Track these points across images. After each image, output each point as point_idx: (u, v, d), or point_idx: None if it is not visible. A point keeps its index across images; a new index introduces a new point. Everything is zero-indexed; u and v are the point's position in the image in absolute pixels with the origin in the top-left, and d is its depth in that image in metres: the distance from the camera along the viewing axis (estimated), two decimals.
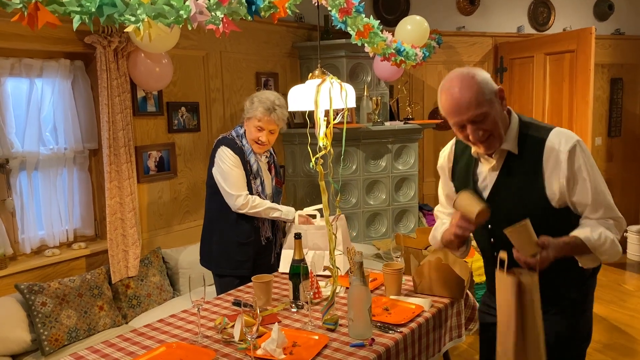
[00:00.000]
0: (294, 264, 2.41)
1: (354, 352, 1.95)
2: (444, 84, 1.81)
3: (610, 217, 1.77)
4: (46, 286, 2.72)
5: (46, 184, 3.04)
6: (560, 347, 1.89)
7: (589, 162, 1.76)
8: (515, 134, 1.81)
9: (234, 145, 2.75)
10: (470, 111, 1.71)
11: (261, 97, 2.75)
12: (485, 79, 1.74)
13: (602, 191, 1.77)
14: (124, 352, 2.02)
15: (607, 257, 1.75)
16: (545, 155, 1.76)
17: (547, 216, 1.79)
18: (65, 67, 3.04)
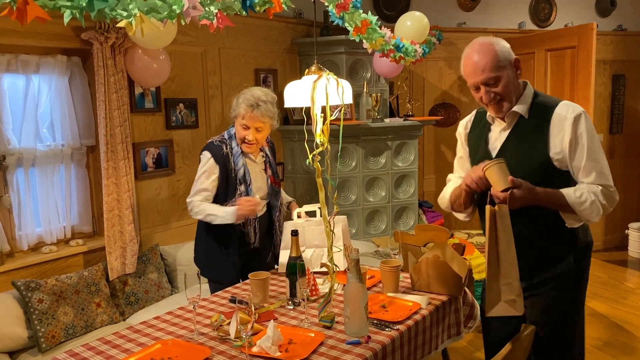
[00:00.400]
0: (291, 261, 2.40)
1: (350, 350, 1.94)
2: (466, 50, 2.04)
3: (600, 183, 1.95)
4: (43, 283, 2.72)
5: (43, 181, 3.03)
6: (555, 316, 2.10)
7: (590, 131, 1.94)
8: (529, 101, 2.03)
9: (217, 152, 2.65)
10: (484, 74, 1.94)
11: (246, 94, 2.65)
12: (503, 47, 1.97)
13: (596, 158, 1.95)
14: (119, 349, 2.02)
15: (586, 216, 1.94)
16: (553, 120, 1.97)
17: (549, 175, 1.98)
18: (62, 64, 3.02)
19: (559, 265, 2.08)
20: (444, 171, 5.31)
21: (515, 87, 2.00)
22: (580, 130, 1.94)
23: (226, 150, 2.66)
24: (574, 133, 1.93)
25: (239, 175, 2.67)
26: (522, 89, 2.04)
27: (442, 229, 3.35)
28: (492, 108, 2.04)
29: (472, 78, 2.00)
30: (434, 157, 5.33)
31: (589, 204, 1.92)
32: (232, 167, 2.65)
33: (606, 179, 1.96)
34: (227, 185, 2.67)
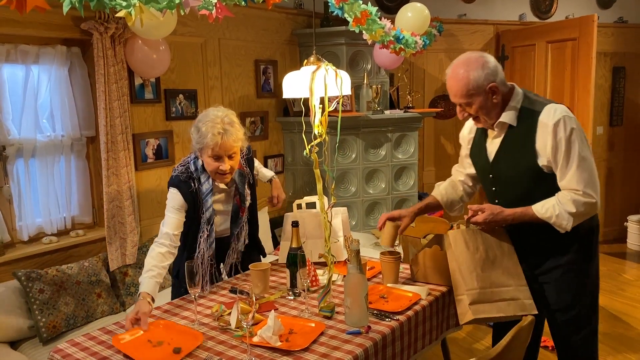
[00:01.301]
0: (291, 251, 2.41)
1: (350, 340, 1.95)
2: (448, 69, 2.16)
3: (571, 188, 2.03)
4: (44, 273, 2.72)
5: (43, 171, 3.03)
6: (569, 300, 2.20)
7: (568, 136, 2.00)
8: (517, 107, 2.11)
9: (186, 191, 2.37)
10: (456, 98, 2.12)
11: (205, 120, 2.30)
12: (478, 76, 2.04)
13: (571, 163, 2.01)
14: None
15: (559, 227, 2.06)
16: (538, 127, 2.05)
17: (539, 180, 2.10)
18: (62, 54, 3.01)
19: (566, 252, 2.17)
20: (443, 163, 5.32)
21: (492, 107, 2.10)
22: (559, 136, 2.01)
23: (194, 187, 2.39)
24: (554, 139, 2.02)
25: (205, 216, 2.43)
26: (510, 96, 2.12)
27: (442, 220, 3.37)
28: (473, 121, 2.23)
29: (450, 97, 2.17)
30: (434, 149, 5.33)
31: (555, 217, 2.04)
32: (200, 205, 2.41)
33: (577, 183, 2.02)
34: (191, 223, 2.45)
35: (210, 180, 2.41)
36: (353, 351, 1.86)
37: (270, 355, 1.86)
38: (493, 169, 2.23)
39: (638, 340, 3.68)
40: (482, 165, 2.32)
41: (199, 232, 2.46)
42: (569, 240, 2.14)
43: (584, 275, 2.20)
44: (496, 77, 2.07)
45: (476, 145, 2.34)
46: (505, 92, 2.12)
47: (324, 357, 1.83)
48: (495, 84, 2.06)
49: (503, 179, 2.22)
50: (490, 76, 2.05)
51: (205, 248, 2.48)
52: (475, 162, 2.38)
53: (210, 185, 2.42)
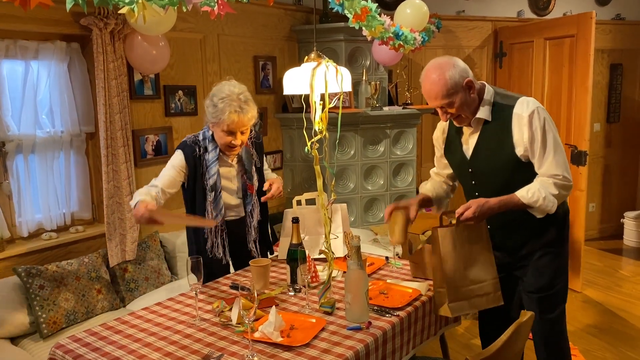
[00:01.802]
0: (292, 247, 2.41)
1: (351, 335, 1.96)
2: (422, 74, 2.22)
3: (551, 174, 2.13)
4: (44, 269, 2.72)
5: (43, 167, 3.03)
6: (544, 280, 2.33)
7: (542, 126, 2.12)
8: (490, 102, 2.21)
9: (189, 153, 2.45)
10: (437, 101, 2.17)
11: (222, 95, 2.37)
12: (453, 74, 2.12)
13: (547, 151, 2.13)
14: (121, 334, 2.04)
15: (543, 210, 2.15)
16: (513, 120, 2.15)
17: (518, 170, 2.20)
18: (62, 50, 3.00)
19: (543, 236, 2.30)
20: None
21: (471, 103, 2.19)
22: (534, 127, 2.12)
23: (199, 153, 2.47)
24: (530, 129, 2.13)
25: (209, 183, 2.48)
26: (482, 93, 2.22)
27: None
28: (454, 122, 2.29)
29: (428, 101, 2.23)
30: (432, 145, 5.32)
31: (542, 200, 2.12)
32: (203, 171, 2.47)
33: (556, 168, 2.13)
34: (195, 189, 2.51)
35: (217, 150, 2.48)
36: (354, 347, 1.88)
37: (271, 350, 1.87)
38: (472, 163, 2.32)
39: (635, 336, 3.71)
40: (459, 161, 2.40)
41: (204, 199, 2.51)
42: (545, 224, 2.26)
43: (559, 257, 2.34)
44: (468, 73, 2.18)
45: (451, 144, 2.42)
46: (479, 88, 2.22)
47: (325, 353, 1.84)
48: (470, 78, 2.16)
49: (482, 172, 2.31)
50: (463, 72, 2.15)
51: (213, 214, 2.52)
52: (452, 160, 2.47)
53: (216, 154, 2.48)
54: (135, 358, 1.85)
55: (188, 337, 2.00)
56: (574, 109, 4.47)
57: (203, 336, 2.00)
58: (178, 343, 1.95)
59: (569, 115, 4.52)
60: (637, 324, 3.89)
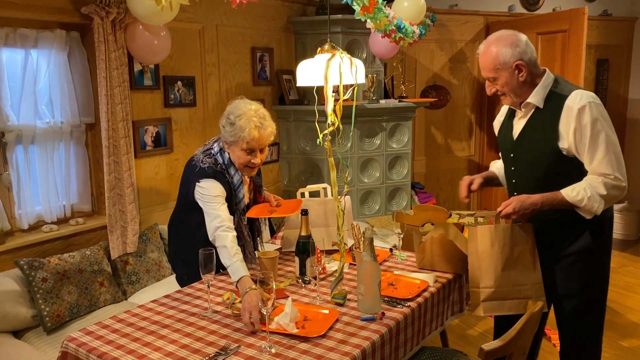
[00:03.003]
0: (301, 240, 2.41)
1: (366, 326, 1.97)
2: (481, 45, 2.23)
3: (601, 173, 2.05)
4: (46, 262, 2.68)
5: (43, 159, 2.97)
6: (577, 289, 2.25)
7: (594, 120, 2.02)
8: (546, 90, 2.16)
9: (223, 181, 2.34)
10: (484, 72, 2.22)
11: (239, 114, 2.29)
12: (505, 52, 2.12)
13: (598, 147, 2.03)
14: (133, 327, 2.02)
15: (589, 210, 2.08)
16: (563, 111, 2.08)
17: (558, 162, 2.14)
18: (61, 38, 2.94)
19: (578, 241, 2.21)
20: (434, 153, 5.38)
21: (517, 85, 2.16)
22: (584, 121, 2.02)
23: (229, 179, 2.39)
24: (578, 123, 2.03)
25: (240, 207, 2.44)
26: (538, 78, 2.17)
27: (441, 209, 3.40)
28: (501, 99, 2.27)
29: (481, 71, 2.26)
30: (425, 139, 5.38)
31: (587, 200, 2.05)
32: (233, 197, 2.41)
33: (606, 167, 2.04)
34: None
35: (239, 173, 2.42)
36: (370, 337, 1.89)
37: (288, 342, 1.87)
38: (515, 148, 2.29)
39: (626, 327, 3.80)
40: (505, 144, 2.37)
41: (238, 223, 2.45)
42: (581, 229, 2.19)
43: (593, 265, 2.23)
44: (524, 56, 2.13)
45: (504, 126, 2.40)
46: (536, 73, 2.17)
47: (342, 344, 1.85)
48: (522, 61, 2.12)
49: (523, 160, 2.26)
50: (518, 54, 2.12)
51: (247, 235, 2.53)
52: (500, 142, 2.43)
53: (240, 177, 2.42)
54: (151, 350, 1.84)
55: (202, 329, 1.99)
56: None
57: (217, 328, 2.00)
58: (192, 335, 1.94)
59: None
60: (628, 315, 3.98)
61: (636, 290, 4.44)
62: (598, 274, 2.27)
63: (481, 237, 2.19)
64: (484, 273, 2.18)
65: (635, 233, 5.71)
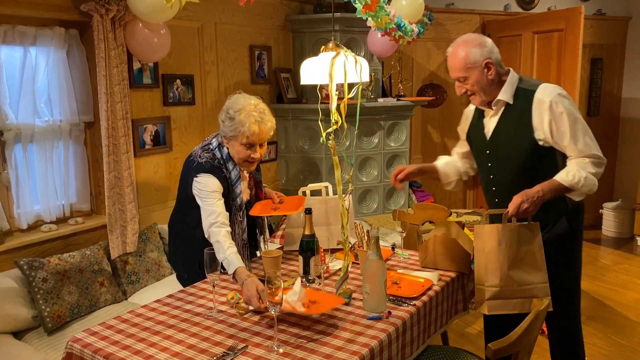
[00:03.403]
0: (305, 239, 2.40)
1: (372, 325, 1.97)
2: (449, 48, 2.34)
3: (586, 154, 2.18)
4: (46, 262, 2.65)
5: (42, 158, 2.93)
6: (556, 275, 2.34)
7: (568, 109, 2.16)
8: (513, 87, 2.27)
9: (220, 175, 2.33)
10: (455, 72, 2.29)
11: (238, 108, 2.29)
12: (474, 52, 2.22)
13: (578, 133, 2.16)
14: (138, 327, 2.00)
15: (586, 191, 2.19)
16: (534, 104, 2.20)
17: (535, 153, 2.25)
18: (60, 36, 2.91)
19: (555, 228, 2.34)
20: (430, 152, 5.38)
21: (487, 84, 2.26)
22: (558, 112, 2.16)
23: (226, 174, 2.37)
24: (552, 115, 2.17)
25: (237, 203, 2.41)
26: (505, 77, 2.28)
27: (441, 207, 3.40)
28: (470, 98, 2.36)
29: (449, 71, 2.36)
30: (421, 137, 5.39)
31: (584, 180, 2.15)
32: (231, 193, 2.40)
33: (590, 148, 2.19)
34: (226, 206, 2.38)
35: (237, 168, 2.41)
36: (377, 336, 1.89)
37: (295, 342, 1.86)
38: (490, 145, 2.38)
39: (623, 323, 3.83)
40: (478, 143, 2.46)
41: (232, 219, 2.43)
42: (559, 215, 2.33)
43: (569, 252, 2.40)
44: (492, 55, 2.25)
45: (473, 126, 2.49)
46: (502, 72, 2.29)
47: (350, 343, 1.84)
48: (490, 60, 2.23)
49: (499, 155, 2.36)
50: (487, 53, 2.23)
51: (239, 233, 2.47)
52: (473, 143, 2.52)
53: (238, 173, 2.41)
54: (158, 351, 1.82)
55: (208, 329, 1.98)
56: None
57: (223, 328, 1.98)
58: (199, 335, 1.93)
59: None
60: (624, 312, 4.01)
61: (631, 288, 4.48)
62: (574, 258, 2.42)
63: (488, 236, 2.21)
64: (490, 271, 2.20)
65: (629, 231, 5.76)
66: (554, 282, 2.34)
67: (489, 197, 2.54)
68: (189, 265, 2.54)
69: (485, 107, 2.37)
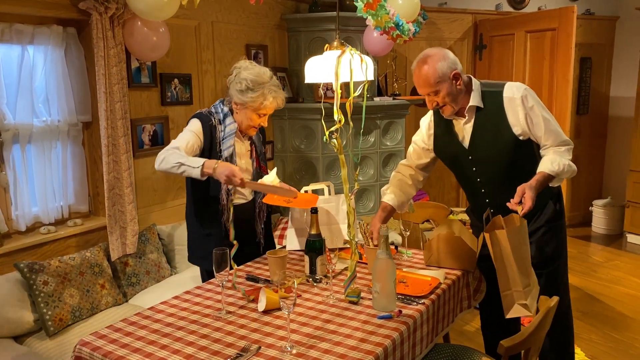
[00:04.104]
0: (311, 238, 2.40)
1: (384, 324, 1.97)
2: (413, 63, 2.35)
3: (560, 142, 2.31)
4: (47, 265, 2.60)
5: (40, 158, 2.88)
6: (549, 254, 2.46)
7: (536, 102, 2.30)
8: (479, 92, 2.35)
9: (206, 121, 2.43)
10: (425, 88, 2.31)
11: (261, 81, 2.40)
12: (441, 65, 2.26)
13: (549, 123, 2.30)
14: (147, 329, 1.97)
15: (568, 176, 2.32)
16: (505, 103, 2.30)
17: (517, 148, 2.33)
18: (58, 34, 2.86)
19: (544, 211, 2.43)
20: None
21: (457, 93, 2.31)
22: (530, 105, 2.28)
23: (214, 123, 2.45)
24: (525, 109, 2.28)
25: (225, 154, 2.45)
26: (470, 85, 2.35)
27: (441, 205, 3.42)
28: (441, 112, 2.39)
29: (417, 88, 2.38)
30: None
31: (567, 167, 2.27)
32: (218, 142, 2.45)
33: (562, 136, 2.32)
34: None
35: (235, 124, 2.47)
36: (390, 335, 1.88)
37: (308, 342, 1.85)
38: (471, 151, 2.41)
39: (617, 319, 3.88)
40: (456, 153, 2.47)
41: None
42: (545, 199, 2.40)
43: (559, 231, 2.50)
44: (457, 66, 2.31)
45: (441, 138, 2.51)
46: (466, 81, 2.36)
47: (363, 342, 1.84)
48: (457, 70, 2.29)
49: (483, 157, 2.40)
50: (452, 64, 2.29)
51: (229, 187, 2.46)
52: (445, 153, 2.54)
53: (234, 129, 2.46)
54: (169, 353, 1.80)
55: (218, 330, 1.96)
56: (555, 101, 4.62)
57: (234, 329, 1.96)
58: (209, 337, 1.91)
59: (550, 107, 4.65)
60: (617, 307, 4.07)
61: (623, 283, 4.54)
62: (562, 239, 2.52)
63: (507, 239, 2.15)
64: (522, 273, 2.17)
65: (619, 227, 5.84)
66: (547, 267, 2.42)
67: (478, 200, 2.56)
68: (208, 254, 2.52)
69: (455, 117, 2.41)
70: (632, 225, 5.66)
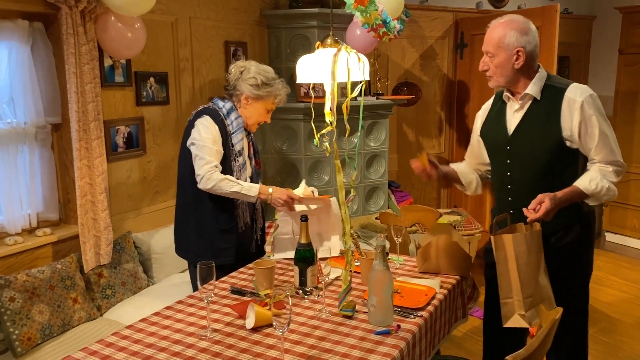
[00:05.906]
0: (301, 247, 2.27)
1: (382, 340, 1.86)
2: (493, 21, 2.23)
3: (610, 161, 2.13)
4: (13, 279, 2.40)
5: (5, 163, 2.66)
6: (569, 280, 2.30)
7: (598, 112, 2.11)
8: (541, 83, 2.18)
9: (217, 117, 2.45)
10: (486, 45, 2.21)
11: (274, 77, 2.56)
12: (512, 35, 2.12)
13: (606, 137, 2.12)
14: (126, 352, 1.82)
15: (607, 199, 2.17)
16: (564, 103, 2.12)
17: (560, 154, 2.17)
18: (24, 29, 2.64)
19: (569, 233, 2.24)
20: (405, 151, 5.31)
21: (510, 70, 2.16)
22: (588, 113, 2.10)
23: (221, 117, 2.48)
24: (583, 115, 2.10)
25: (236, 148, 2.51)
26: (535, 72, 2.20)
27: (430, 209, 3.33)
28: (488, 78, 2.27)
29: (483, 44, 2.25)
30: (397, 136, 5.30)
31: (606, 190, 2.10)
32: (228, 135, 2.48)
33: (614, 155, 2.14)
34: (224, 157, 2.48)
35: (241, 118, 2.54)
36: (390, 353, 1.77)
37: None
38: (512, 141, 2.26)
39: (604, 321, 3.86)
40: (497, 138, 2.34)
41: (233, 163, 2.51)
42: (570, 221, 2.22)
43: (578, 260, 2.30)
44: (528, 45, 2.14)
45: (491, 120, 2.38)
46: (532, 67, 2.19)
47: None
48: (523, 49, 2.13)
49: (521, 152, 2.24)
50: (523, 42, 2.13)
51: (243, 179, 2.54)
52: (488, 137, 2.40)
53: (240, 123, 2.53)
54: None
55: (204, 351, 1.82)
56: None
57: (221, 349, 1.82)
58: (195, 359, 1.76)
59: None
60: (604, 309, 4.04)
61: (608, 284, 4.53)
62: (584, 271, 2.36)
63: (516, 246, 2.07)
64: (524, 282, 2.07)
65: (597, 226, 5.86)
66: (564, 293, 2.22)
67: (502, 196, 2.39)
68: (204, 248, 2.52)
69: (508, 97, 2.27)
70: (610, 224, 5.69)
